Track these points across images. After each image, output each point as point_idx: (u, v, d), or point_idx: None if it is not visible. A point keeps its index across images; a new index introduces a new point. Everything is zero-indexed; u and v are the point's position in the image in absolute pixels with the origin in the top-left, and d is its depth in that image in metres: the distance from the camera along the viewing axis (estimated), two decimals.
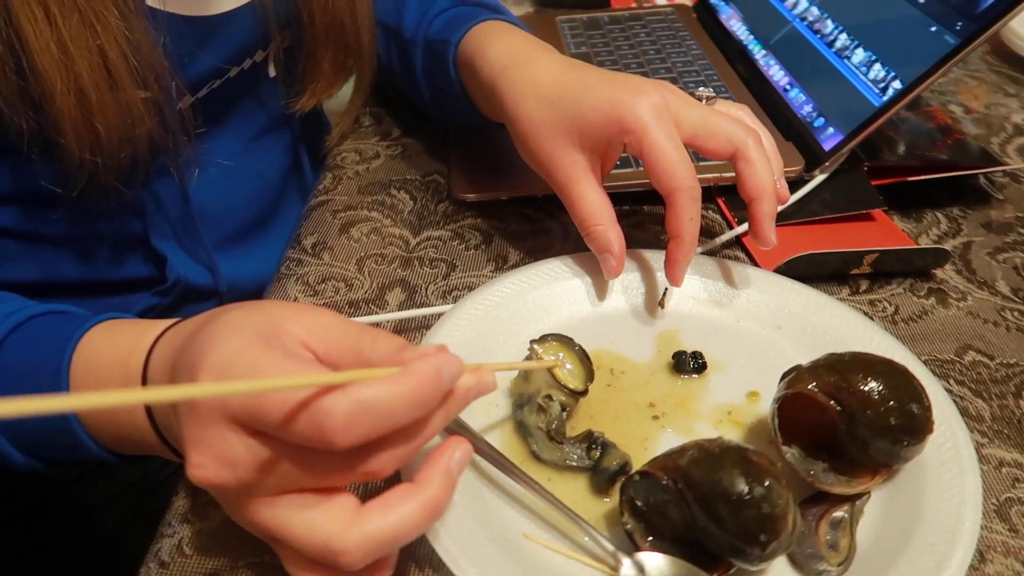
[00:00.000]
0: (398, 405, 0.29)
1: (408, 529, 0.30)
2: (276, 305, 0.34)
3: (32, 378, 0.39)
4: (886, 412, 0.37)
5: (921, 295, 0.53)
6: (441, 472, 0.32)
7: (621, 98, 0.46)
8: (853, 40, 0.64)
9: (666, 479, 0.35)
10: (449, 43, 0.59)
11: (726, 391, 0.45)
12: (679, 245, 0.47)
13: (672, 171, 0.45)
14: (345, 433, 0.28)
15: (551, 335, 0.44)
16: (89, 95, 0.44)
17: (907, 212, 0.61)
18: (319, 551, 0.30)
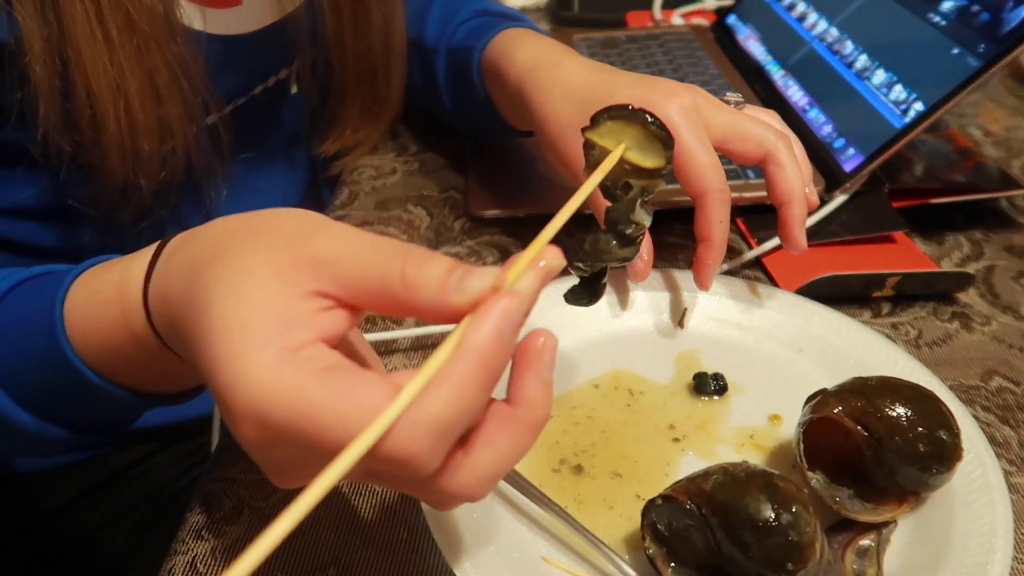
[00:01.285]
0: (470, 400, 0.26)
1: (518, 456, 0.28)
2: (269, 247, 0.28)
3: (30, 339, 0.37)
4: (914, 438, 0.36)
5: (945, 319, 0.53)
6: (536, 386, 0.28)
7: (651, 99, 0.45)
8: (874, 61, 0.64)
9: (690, 504, 0.35)
10: (473, 50, 0.59)
11: (747, 414, 0.45)
12: (708, 248, 0.47)
13: (702, 173, 0.45)
14: (434, 460, 0.26)
15: (605, 113, 0.36)
16: (136, 116, 0.45)
17: (928, 235, 0.60)
18: (441, 501, 0.29)
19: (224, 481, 0.42)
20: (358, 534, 0.39)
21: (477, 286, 0.26)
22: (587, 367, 0.48)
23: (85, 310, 0.35)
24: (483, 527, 0.37)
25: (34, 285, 0.39)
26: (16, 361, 0.38)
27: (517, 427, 0.28)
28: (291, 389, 0.25)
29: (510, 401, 0.28)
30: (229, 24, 0.53)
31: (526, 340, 0.29)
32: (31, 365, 0.37)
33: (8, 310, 0.38)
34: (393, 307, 0.27)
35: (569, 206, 0.32)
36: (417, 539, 0.39)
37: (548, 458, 0.42)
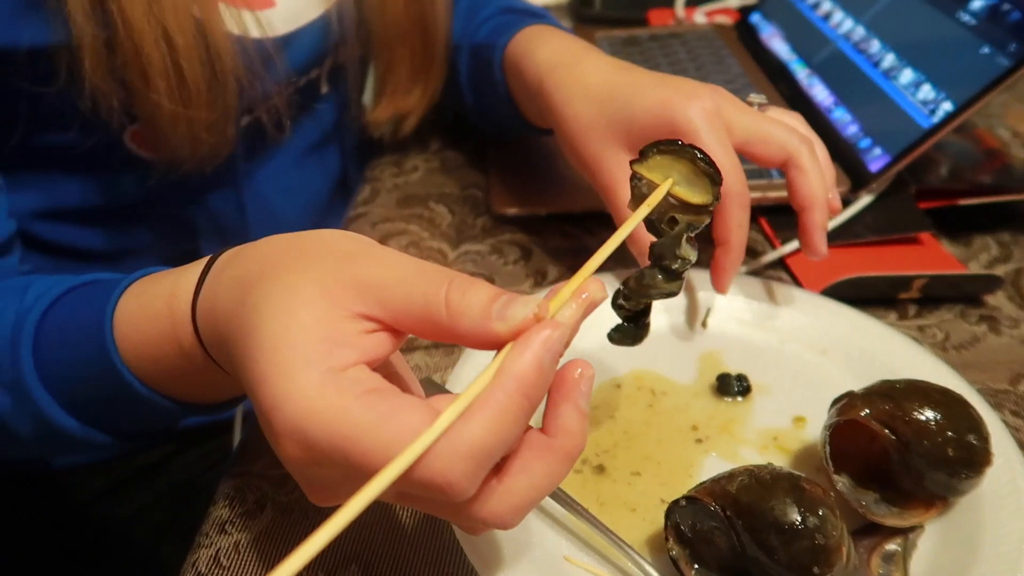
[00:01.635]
0: (508, 429, 0.26)
1: (551, 484, 0.28)
2: (318, 268, 0.29)
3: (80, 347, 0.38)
4: (943, 443, 0.36)
5: (972, 322, 0.52)
6: (574, 416, 0.28)
7: (674, 100, 0.45)
8: (901, 60, 0.63)
9: (714, 505, 0.34)
10: (495, 47, 0.59)
11: (771, 415, 0.44)
12: (726, 252, 0.47)
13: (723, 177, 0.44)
14: (471, 487, 0.26)
15: (655, 147, 0.36)
16: (175, 39, 0.45)
17: (955, 236, 0.60)
18: (472, 527, 0.29)
19: (247, 476, 0.42)
20: (380, 531, 0.39)
21: (520, 314, 0.27)
22: (609, 366, 0.47)
23: (134, 321, 0.36)
24: None
25: (84, 293, 0.40)
26: (65, 367, 0.38)
27: (553, 456, 0.28)
28: (334, 410, 0.26)
29: (546, 430, 0.28)
30: (263, 26, 0.53)
31: (564, 370, 0.29)
32: (80, 372, 0.38)
33: (59, 316, 0.39)
34: (436, 332, 0.28)
35: (615, 238, 0.32)
36: (439, 537, 0.39)
37: None
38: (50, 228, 0.55)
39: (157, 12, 0.44)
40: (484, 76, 0.61)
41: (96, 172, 0.51)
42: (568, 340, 0.28)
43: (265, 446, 0.44)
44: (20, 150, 0.49)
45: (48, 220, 0.55)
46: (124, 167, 0.50)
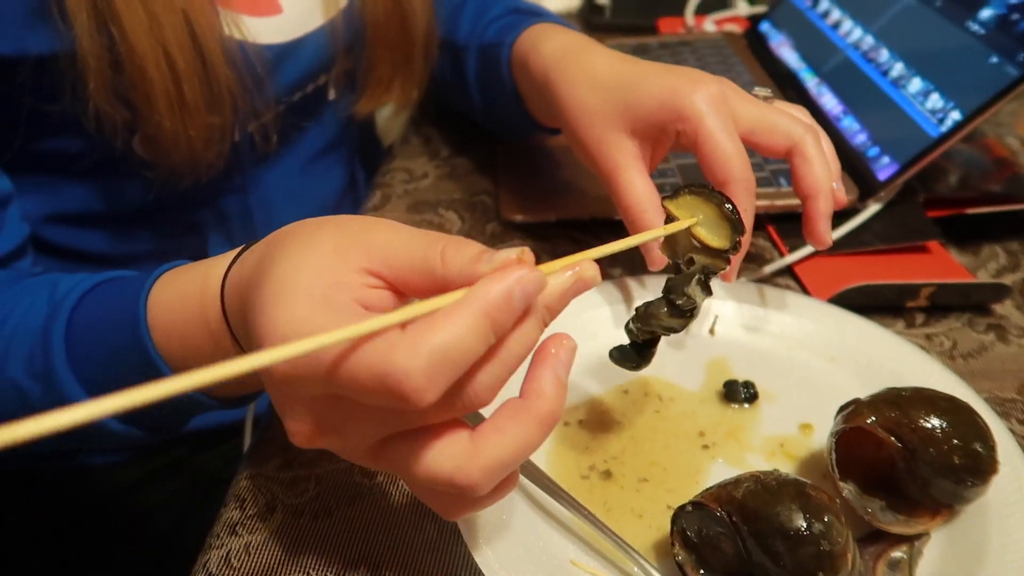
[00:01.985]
0: (470, 342, 0.26)
1: (527, 448, 0.29)
2: (331, 232, 0.31)
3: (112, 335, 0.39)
4: (949, 451, 0.36)
5: (980, 330, 0.52)
6: (550, 382, 0.29)
7: (679, 87, 0.45)
8: (910, 69, 0.63)
9: (720, 511, 0.35)
10: (503, 45, 0.59)
11: (778, 423, 0.45)
12: None
13: (728, 162, 0.44)
14: (428, 392, 0.26)
15: (686, 188, 0.39)
16: (176, 60, 0.46)
17: (964, 245, 0.60)
18: (444, 488, 0.29)
19: (258, 478, 0.43)
20: (389, 533, 0.40)
21: (504, 256, 0.28)
22: (617, 373, 0.47)
23: (168, 305, 0.37)
24: (513, 529, 0.38)
25: (116, 284, 0.41)
26: (98, 358, 0.39)
27: (527, 417, 0.29)
28: (319, 326, 0.27)
29: (523, 394, 0.30)
30: (270, 32, 0.54)
31: (546, 340, 0.30)
32: (112, 362, 0.39)
33: (92, 306, 0.40)
34: (431, 282, 0.29)
35: (623, 242, 0.34)
36: (447, 540, 0.40)
37: (577, 464, 0.42)
38: (58, 232, 0.56)
39: (158, 33, 0.45)
40: (492, 75, 0.61)
41: (103, 178, 0.52)
42: (540, 288, 0.28)
43: (276, 449, 0.45)
44: (27, 156, 0.50)
45: (56, 224, 0.55)
46: (131, 173, 0.50)
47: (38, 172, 0.52)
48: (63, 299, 0.40)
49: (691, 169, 0.64)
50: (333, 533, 0.40)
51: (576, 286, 0.30)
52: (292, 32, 0.55)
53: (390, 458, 0.30)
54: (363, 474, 0.43)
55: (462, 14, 0.67)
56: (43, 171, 0.52)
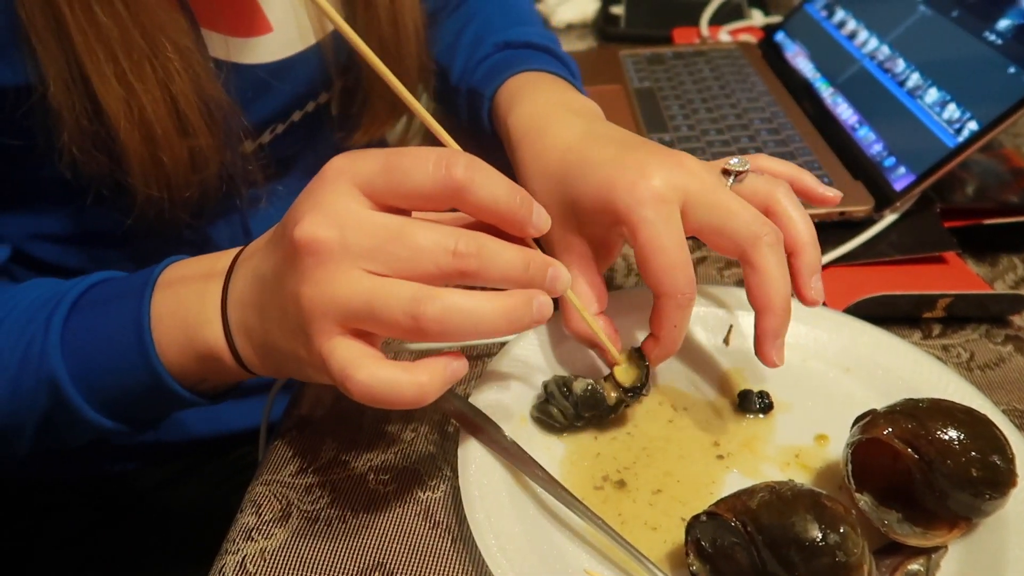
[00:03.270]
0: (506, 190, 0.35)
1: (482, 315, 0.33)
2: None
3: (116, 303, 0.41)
4: (967, 463, 0.36)
5: (998, 342, 0.52)
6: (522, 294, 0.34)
7: (618, 184, 0.41)
8: (926, 80, 0.63)
9: (735, 521, 0.34)
10: (484, 97, 0.58)
11: (793, 433, 0.44)
12: (656, 346, 0.43)
13: (661, 275, 0.40)
14: (468, 173, 0.33)
15: (632, 349, 0.45)
16: (154, 130, 0.45)
17: (981, 256, 0.59)
18: (401, 312, 0.32)
19: (273, 484, 0.43)
20: (403, 541, 0.40)
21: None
22: None
23: (180, 278, 0.40)
24: (527, 538, 0.38)
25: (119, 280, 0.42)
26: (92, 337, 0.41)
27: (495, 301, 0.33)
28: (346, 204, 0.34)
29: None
30: (260, 52, 0.53)
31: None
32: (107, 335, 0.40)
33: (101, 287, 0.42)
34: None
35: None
36: (461, 548, 0.40)
37: (591, 474, 0.42)
38: (43, 249, 0.55)
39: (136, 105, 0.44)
40: (476, 122, 0.61)
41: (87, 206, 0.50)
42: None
43: (290, 454, 0.45)
44: (8, 182, 0.49)
45: (40, 241, 0.55)
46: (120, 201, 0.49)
47: (20, 197, 0.51)
48: (73, 285, 0.42)
49: None
50: (348, 539, 0.40)
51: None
52: (284, 51, 0.55)
53: (367, 284, 0.33)
54: (378, 481, 0.43)
55: (457, 47, 0.65)
56: (24, 196, 0.52)
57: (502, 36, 0.63)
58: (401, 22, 0.60)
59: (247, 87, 0.51)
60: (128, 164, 0.46)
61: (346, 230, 0.33)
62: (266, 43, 0.54)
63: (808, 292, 0.42)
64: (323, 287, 0.33)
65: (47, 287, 0.43)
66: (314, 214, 0.33)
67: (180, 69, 0.45)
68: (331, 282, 0.33)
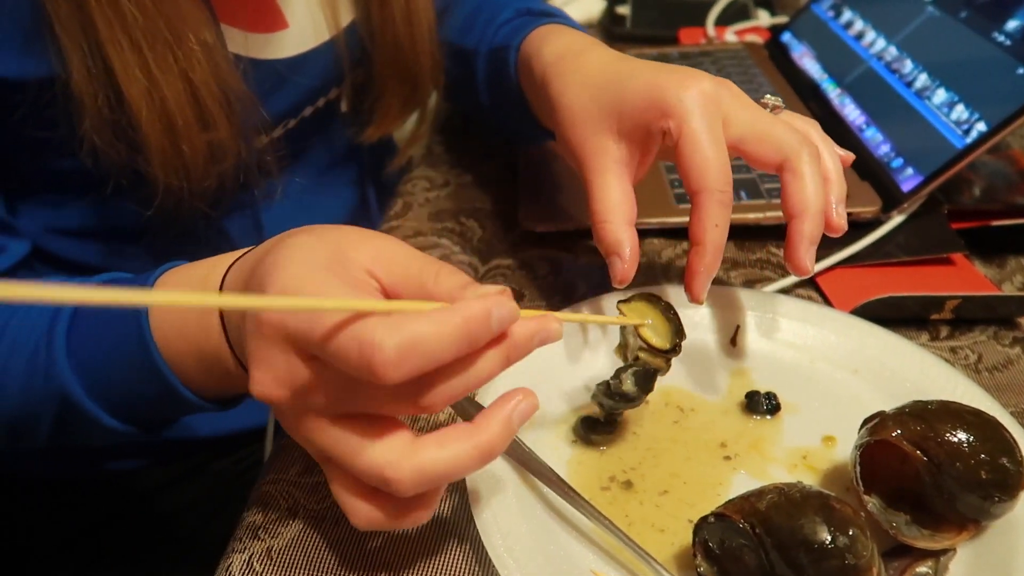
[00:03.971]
0: (445, 342, 0.29)
1: (459, 468, 0.31)
2: (342, 231, 0.34)
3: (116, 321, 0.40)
4: (976, 465, 0.36)
5: (1006, 344, 0.51)
6: (500, 419, 0.32)
7: (668, 83, 0.42)
8: (934, 80, 0.63)
9: (743, 523, 0.34)
10: (510, 47, 0.58)
11: (801, 434, 0.44)
12: (699, 254, 0.42)
13: (704, 168, 0.41)
14: (395, 369, 0.28)
15: (638, 294, 0.43)
16: (175, 120, 0.46)
17: (988, 257, 0.59)
18: (373, 476, 0.31)
19: (280, 483, 0.43)
20: (409, 540, 0.40)
21: (489, 289, 0.32)
22: None
23: (172, 287, 0.39)
24: (534, 538, 0.38)
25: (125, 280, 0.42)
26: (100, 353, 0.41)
27: (469, 442, 0.31)
28: (322, 284, 0.31)
29: (474, 422, 0.32)
30: (276, 48, 0.54)
31: (516, 389, 0.33)
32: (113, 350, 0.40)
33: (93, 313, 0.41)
34: (421, 295, 0.33)
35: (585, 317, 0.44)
36: (468, 548, 0.40)
37: (598, 475, 0.42)
38: (59, 243, 0.56)
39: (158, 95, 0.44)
40: (500, 78, 0.60)
41: (105, 197, 0.51)
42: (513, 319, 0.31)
43: (298, 454, 0.45)
44: (28, 175, 0.50)
45: (57, 236, 0.55)
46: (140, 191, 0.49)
47: (40, 189, 0.52)
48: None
49: None
50: (354, 539, 0.40)
51: (541, 334, 0.33)
52: (299, 47, 0.55)
53: (334, 435, 0.32)
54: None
55: (476, 20, 0.66)
56: (44, 189, 0.52)
57: (523, 4, 0.63)
58: (416, 20, 0.60)
59: (263, 82, 0.52)
60: (148, 153, 0.46)
61: (294, 389, 0.31)
62: (281, 39, 0.54)
63: (835, 218, 0.43)
64: (291, 431, 0.34)
65: None
66: (262, 372, 0.32)
67: (202, 60, 0.46)
68: (296, 429, 0.33)
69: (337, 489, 0.33)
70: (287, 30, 0.54)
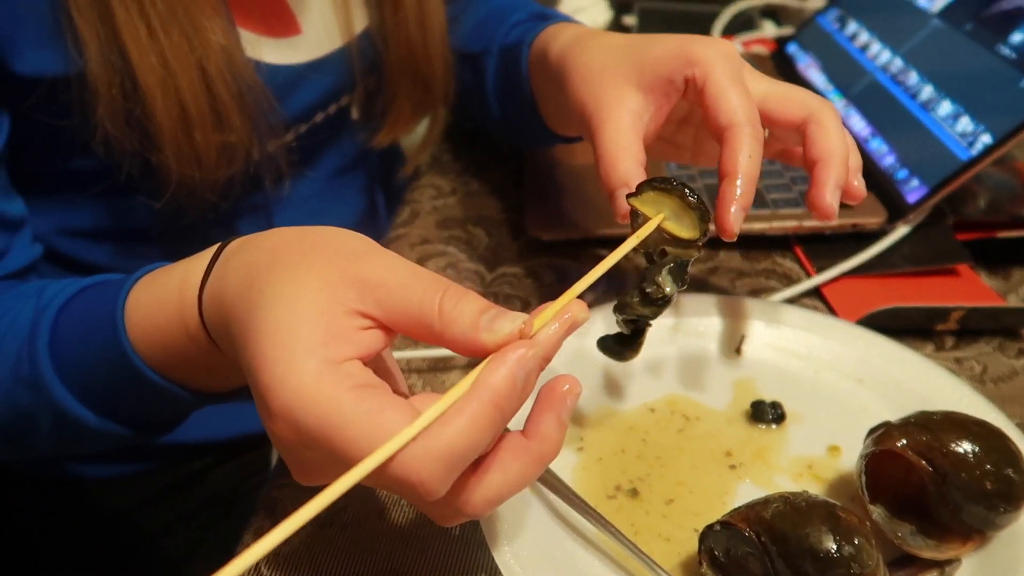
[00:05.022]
0: (480, 437, 0.28)
1: (524, 484, 0.31)
2: (323, 265, 0.31)
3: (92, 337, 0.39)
4: (981, 476, 0.36)
5: (1011, 355, 0.52)
6: (553, 424, 0.31)
7: (694, 40, 0.44)
8: (939, 93, 0.63)
9: (748, 531, 0.35)
10: (522, 44, 0.58)
11: (806, 444, 0.45)
12: (731, 183, 0.40)
13: (734, 105, 0.41)
14: (442, 489, 0.28)
15: (647, 184, 0.39)
16: (189, 110, 0.46)
17: (993, 269, 0.59)
18: (447, 513, 0.31)
19: (288, 488, 0.44)
20: (416, 547, 0.40)
21: (506, 328, 0.29)
22: (643, 390, 0.48)
23: (146, 309, 0.38)
24: (541, 546, 0.38)
25: (98, 288, 0.42)
26: (79, 357, 0.40)
27: (528, 457, 0.30)
28: (327, 400, 0.28)
29: (526, 434, 0.31)
30: (291, 53, 0.54)
31: (552, 382, 0.31)
32: (93, 361, 0.40)
33: (74, 311, 0.41)
34: (427, 335, 0.30)
35: (600, 267, 0.35)
36: (475, 555, 0.40)
37: (604, 483, 0.42)
38: (69, 244, 0.56)
39: (173, 83, 0.45)
40: (511, 76, 0.60)
41: (115, 197, 0.52)
42: (546, 357, 0.30)
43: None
44: (40, 174, 0.50)
45: (67, 236, 0.56)
46: (151, 184, 0.50)
47: (51, 189, 0.53)
48: (48, 304, 0.41)
49: None
50: (362, 545, 0.40)
51: (569, 330, 0.31)
52: (312, 53, 0.56)
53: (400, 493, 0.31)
54: None
55: (485, 26, 0.66)
56: (56, 188, 0.53)
57: (535, 8, 0.63)
58: (428, 24, 0.60)
59: (276, 86, 0.52)
60: (161, 143, 0.46)
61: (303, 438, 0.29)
62: (295, 44, 0.55)
63: (855, 185, 0.44)
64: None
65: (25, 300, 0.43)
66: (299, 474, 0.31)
67: (217, 51, 0.46)
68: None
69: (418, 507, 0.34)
70: (301, 35, 0.55)
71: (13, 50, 0.44)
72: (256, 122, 0.50)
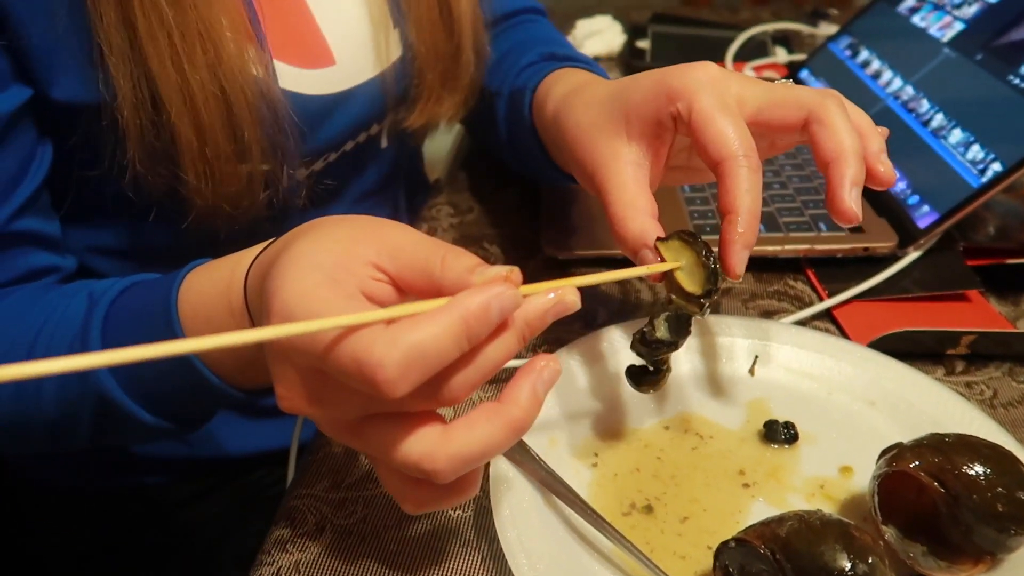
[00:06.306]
0: (444, 345, 0.29)
1: (493, 447, 0.31)
2: (351, 226, 0.34)
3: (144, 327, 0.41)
4: (993, 498, 0.36)
5: (1021, 381, 0.52)
6: (527, 393, 0.32)
7: (671, 72, 0.42)
8: (950, 120, 0.64)
9: (763, 548, 0.35)
10: (526, 90, 0.59)
11: (818, 464, 0.45)
12: (732, 223, 0.39)
13: (723, 136, 0.39)
14: (400, 384, 0.29)
15: (676, 233, 0.40)
16: (218, 141, 0.47)
17: (1003, 295, 0.60)
18: (411, 470, 0.32)
19: (308, 498, 0.44)
20: (435, 558, 0.41)
21: (494, 272, 0.31)
22: (658, 409, 0.49)
23: (198, 296, 0.40)
24: (557, 559, 0.38)
25: (150, 282, 0.44)
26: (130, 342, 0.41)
27: (498, 420, 0.31)
28: (321, 300, 0.30)
29: (500, 399, 0.32)
30: (324, 84, 0.55)
31: (536, 357, 0.33)
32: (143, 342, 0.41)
33: (127, 303, 0.43)
34: (428, 283, 0.32)
35: (606, 274, 0.38)
36: (491, 567, 0.40)
37: (619, 500, 0.43)
38: (98, 261, 0.57)
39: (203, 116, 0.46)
40: (517, 118, 0.61)
41: (144, 220, 0.53)
42: (528, 322, 0.32)
43: (326, 470, 0.46)
44: (78, 197, 0.51)
45: (96, 254, 0.57)
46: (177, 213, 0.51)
47: (84, 212, 0.53)
48: (100, 298, 0.43)
49: None
50: (380, 555, 0.41)
51: (556, 307, 0.33)
52: (344, 83, 0.56)
53: (367, 437, 0.32)
54: None
55: (503, 63, 0.67)
56: (89, 212, 0.54)
57: (547, 49, 0.64)
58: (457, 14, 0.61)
59: (307, 117, 0.53)
60: (187, 173, 0.48)
61: (318, 403, 0.32)
62: (328, 75, 0.55)
63: (881, 169, 0.41)
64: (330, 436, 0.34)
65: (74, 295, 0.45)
66: (284, 388, 0.33)
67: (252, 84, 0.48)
68: (333, 434, 0.34)
69: (384, 479, 0.35)
70: (334, 66, 0.56)
71: (51, 76, 0.45)
72: (286, 154, 0.51)
